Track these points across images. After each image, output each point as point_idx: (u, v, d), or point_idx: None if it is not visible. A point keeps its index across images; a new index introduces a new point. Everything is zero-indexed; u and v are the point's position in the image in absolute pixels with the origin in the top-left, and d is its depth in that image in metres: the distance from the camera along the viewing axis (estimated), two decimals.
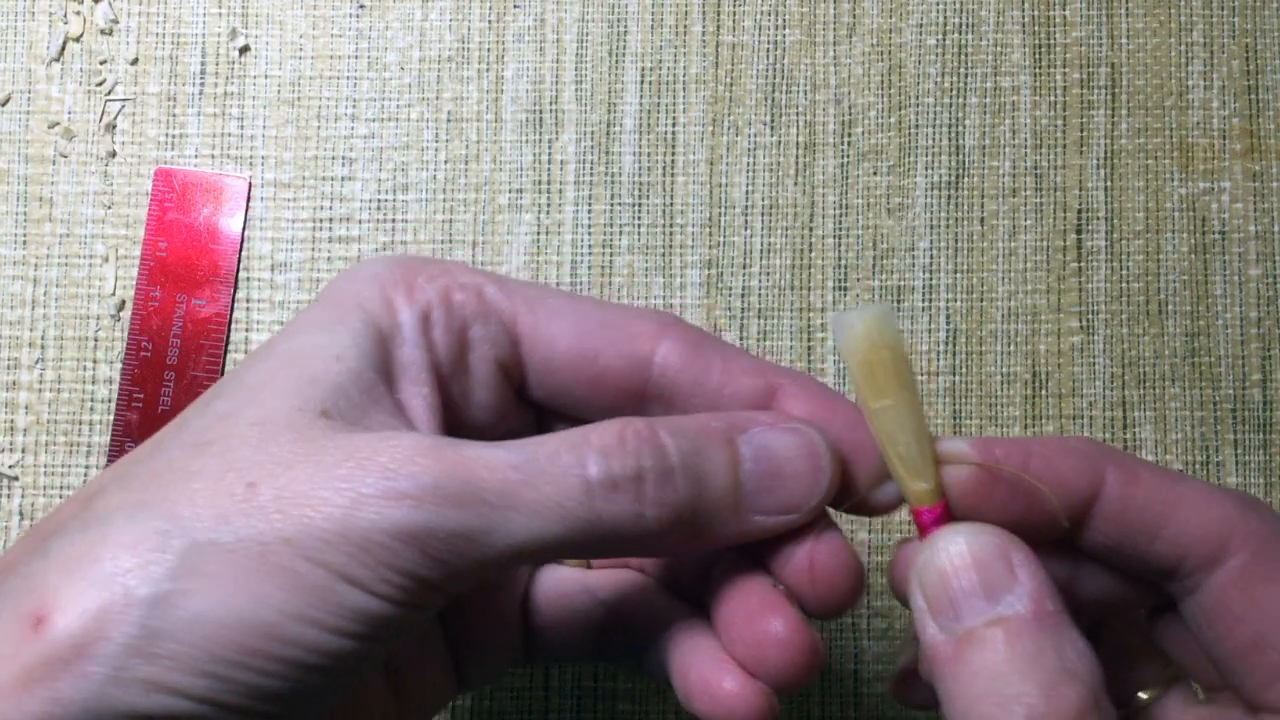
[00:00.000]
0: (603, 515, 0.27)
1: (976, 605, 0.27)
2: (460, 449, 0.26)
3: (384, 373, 0.28)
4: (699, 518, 0.28)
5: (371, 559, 0.25)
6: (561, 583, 0.35)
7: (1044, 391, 0.47)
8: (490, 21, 0.49)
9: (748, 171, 0.48)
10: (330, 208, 0.48)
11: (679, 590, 0.34)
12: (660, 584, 0.34)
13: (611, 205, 0.48)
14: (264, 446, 0.26)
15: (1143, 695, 0.32)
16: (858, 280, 0.48)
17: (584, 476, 0.26)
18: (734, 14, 0.49)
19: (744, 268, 0.48)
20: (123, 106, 0.48)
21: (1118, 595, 0.31)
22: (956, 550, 0.27)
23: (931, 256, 0.48)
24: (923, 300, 0.48)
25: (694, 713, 0.30)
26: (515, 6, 0.49)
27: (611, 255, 0.48)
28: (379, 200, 0.48)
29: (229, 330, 0.47)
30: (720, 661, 0.30)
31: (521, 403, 0.32)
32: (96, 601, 0.24)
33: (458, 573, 0.26)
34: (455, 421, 0.30)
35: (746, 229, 0.48)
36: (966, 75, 0.48)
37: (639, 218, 0.48)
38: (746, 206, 0.48)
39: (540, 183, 0.48)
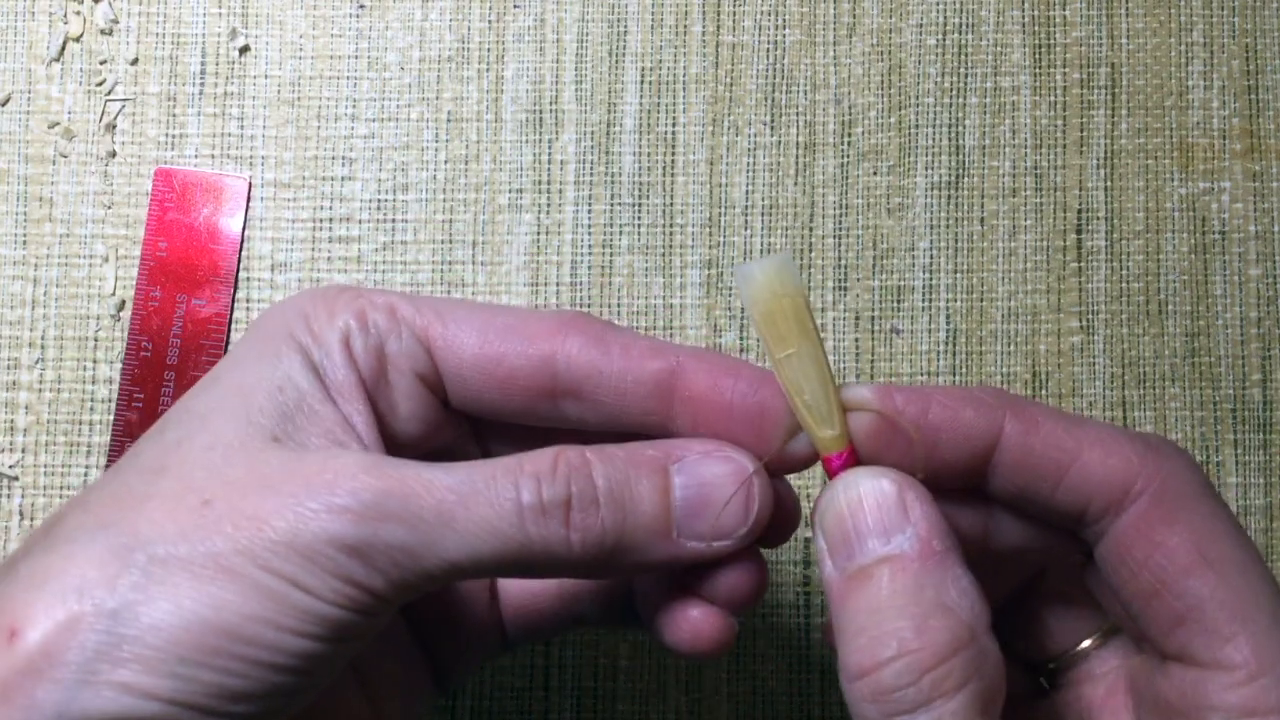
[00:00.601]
0: (533, 538, 0.28)
1: (868, 544, 0.28)
2: (401, 468, 0.28)
3: (322, 396, 0.30)
4: (627, 543, 0.29)
5: (318, 568, 0.27)
6: None
7: (1044, 391, 0.47)
8: (490, 21, 0.49)
9: (748, 171, 0.48)
10: (330, 208, 0.48)
11: None
12: None
13: (611, 205, 0.48)
14: (217, 469, 0.28)
15: (1085, 645, 0.33)
16: (858, 280, 0.48)
17: (516, 501, 0.28)
18: (734, 14, 0.49)
19: None
20: (123, 106, 0.48)
21: (1037, 543, 0.31)
22: (853, 493, 0.29)
23: (931, 256, 0.48)
24: (923, 300, 0.48)
25: (667, 645, 0.32)
26: (515, 6, 0.49)
27: (611, 255, 0.48)
28: (379, 200, 0.48)
29: (229, 330, 0.47)
30: (682, 594, 0.31)
31: (452, 414, 0.33)
32: (65, 612, 0.26)
33: (399, 583, 0.28)
34: (387, 434, 0.32)
35: (746, 229, 0.48)
36: (966, 75, 0.48)
37: (639, 218, 0.48)
38: (746, 206, 0.48)
39: (540, 183, 0.48)
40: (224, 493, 0.27)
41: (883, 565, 0.28)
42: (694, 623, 0.31)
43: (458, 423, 0.33)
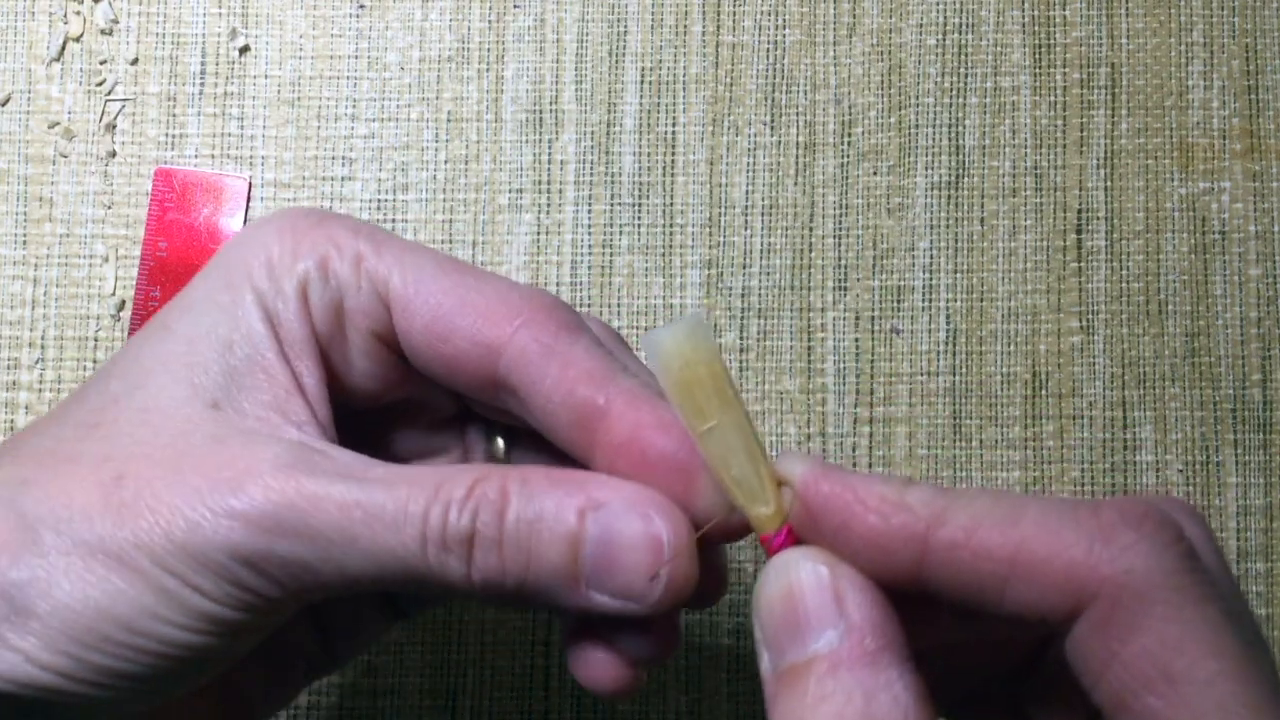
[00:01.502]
0: (433, 569, 0.27)
1: (799, 640, 0.25)
2: (314, 473, 0.27)
3: (274, 352, 0.29)
4: (530, 587, 0.28)
5: (212, 573, 0.27)
6: None
7: (1044, 391, 0.47)
8: (490, 21, 0.49)
9: (748, 171, 0.48)
10: (330, 208, 0.48)
11: None
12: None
13: (611, 205, 0.48)
14: (141, 436, 0.28)
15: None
16: (858, 280, 0.48)
17: (421, 529, 0.27)
18: (734, 14, 0.49)
19: (744, 268, 0.48)
20: (123, 106, 0.48)
21: (1007, 634, 0.28)
22: (784, 580, 0.26)
23: (931, 256, 0.48)
24: (923, 300, 0.48)
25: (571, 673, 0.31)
26: (515, 6, 0.49)
27: (611, 255, 0.48)
28: (379, 200, 0.48)
29: None
30: (589, 634, 0.30)
31: (412, 369, 0.32)
32: None
33: (296, 593, 0.28)
34: (342, 390, 0.31)
35: (746, 229, 0.48)
36: (966, 75, 0.48)
37: (639, 218, 0.48)
38: (746, 206, 0.48)
39: (540, 183, 0.48)
40: (138, 469, 0.27)
41: (811, 665, 0.25)
42: (594, 666, 0.30)
43: (422, 380, 0.32)
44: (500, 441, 0.33)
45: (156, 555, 0.27)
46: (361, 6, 0.49)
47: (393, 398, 0.32)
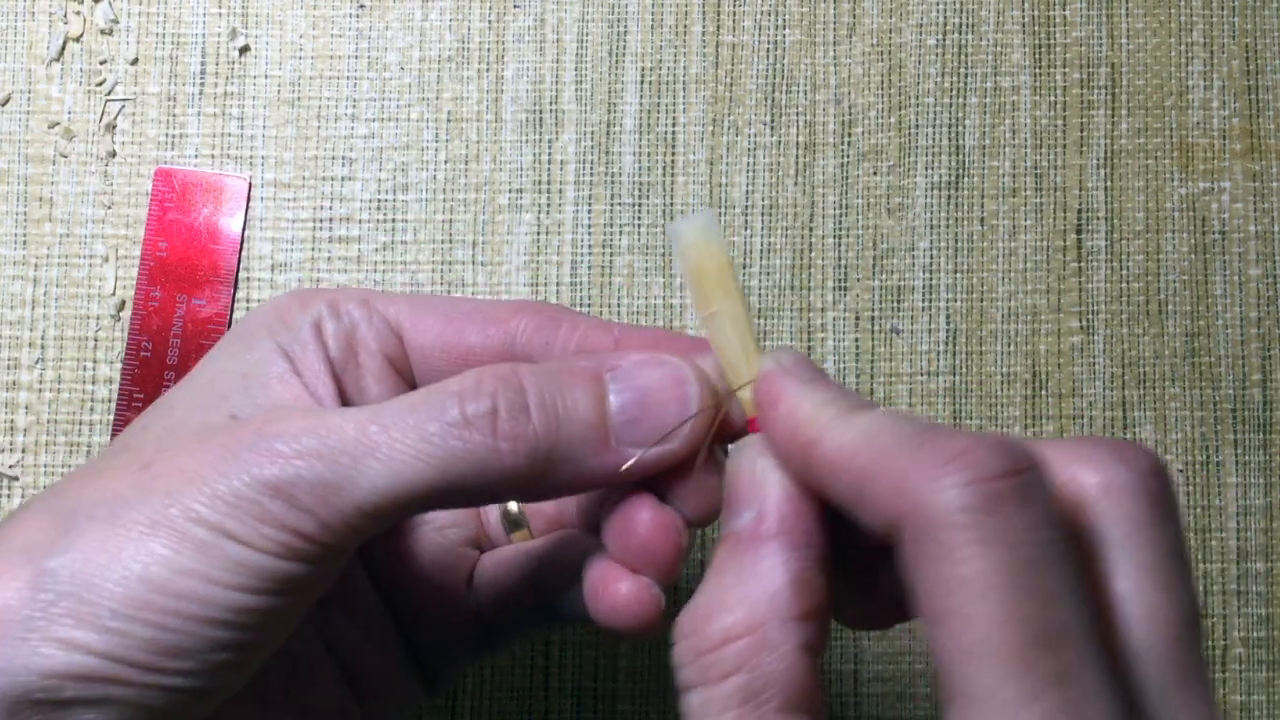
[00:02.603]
0: (458, 453, 0.28)
1: (729, 516, 0.28)
2: (325, 412, 0.28)
3: (291, 370, 0.31)
4: (562, 451, 0.28)
5: (246, 514, 0.27)
6: (501, 554, 0.36)
7: (1044, 391, 0.47)
8: (490, 21, 0.49)
9: (748, 171, 0.48)
10: (330, 208, 0.48)
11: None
12: (590, 529, 0.35)
13: (611, 205, 0.48)
14: (167, 441, 0.29)
15: None
16: (858, 280, 0.48)
17: (440, 420, 0.28)
18: (734, 14, 0.49)
19: (744, 268, 0.48)
20: (123, 106, 0.48)
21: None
22: (734, 460, 0.28)
23: (931, 256, 0.48)
24: (923, 300, 0.48)
25: (601, 623, 0.31)
26: (515, 6, 0.49)
27: (611, 255, 0.48)
28: (379, 200, 0.48)
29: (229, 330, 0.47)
30: (613, 569, 0.31)
31: None
32: (7, 574, 0.27)
33: (330, 523, 0.27)
34: None
35: (746, 229, 0.48)
36: (966, 75, 0.48)
37: (639, 218, 0.48)
38: (746, 206, 0.48)
39: (540, 183, 0.48)
40: (164, 457, 0.28)
41: (724, 540, 0.27)
42: (617, 596, 0.30)
43: None
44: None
45: (190, 510, 0.27)
46: (361, 6, 0.49)
47: None
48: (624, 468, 0.29)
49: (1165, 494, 0.26)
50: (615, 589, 0.30)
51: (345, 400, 0.31)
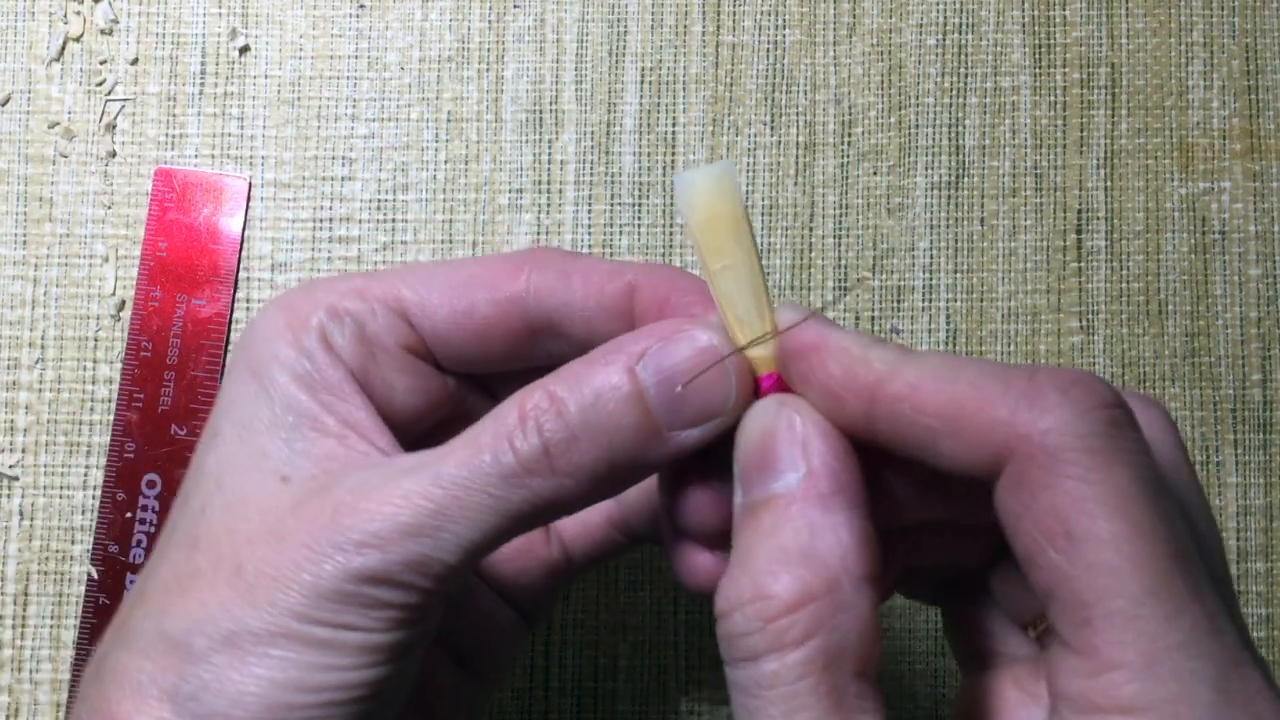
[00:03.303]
0: (528, 498, 0.28)
1: (765, 478, 0.27)
2: (385, 484, 0.28)
3: (318, 408, 0.30)
4: (621, 459, 0.28)
5: (354, 604, 0.28)
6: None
7: None
8: (490, 21, 0.49)
9: (748, 171, 0.48)
10: (330, 208, 0.48)
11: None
12: None
13: (611, 205, 0.48)
14: (237, 529, 0.29)
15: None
16: (858, 280, 0.48)
17: (498, 473, 0.28)
18: (734, 14, 0.49)
19: None
20: (123, 106, 0.48)
21: (975, 517, 0.29)
22: (763, 421, 0.28)
23: (931, 256, 0.48)
24: (923, 300, 0.48)
25: (689, 590, 0.31)
26: (515, 6, 0.49)
27: (611, 255, 0.48)
28: (379, 200, 0.48)
29: (229, 330, 0.47)
30: (690, 543, 0.31)
31: (454, 381, 0.33)
32: (154, 703, 0.28)
33: (430, 589, 0.28)
34: (390, 416, 0.32)
35: None
36: (966, 75, 0.48)
37: (639, 218, 0.48)
38: (747, 206, 0.48)
39: (540, 183, 0.48)
40: (249, 554, 0.28)
41: (770, 501, 0.26)
42: (699, 572, 0.31)
43: (461, 389, 0.34)
44: None
45: (299, 614, 0.28)
46: (361, 6, 0.49)
47: (440, 415, 0.33)
48: (683, 446, 0.29)
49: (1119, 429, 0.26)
50: (696, 563, 0.31)
51: (376, 401, 0.31)
